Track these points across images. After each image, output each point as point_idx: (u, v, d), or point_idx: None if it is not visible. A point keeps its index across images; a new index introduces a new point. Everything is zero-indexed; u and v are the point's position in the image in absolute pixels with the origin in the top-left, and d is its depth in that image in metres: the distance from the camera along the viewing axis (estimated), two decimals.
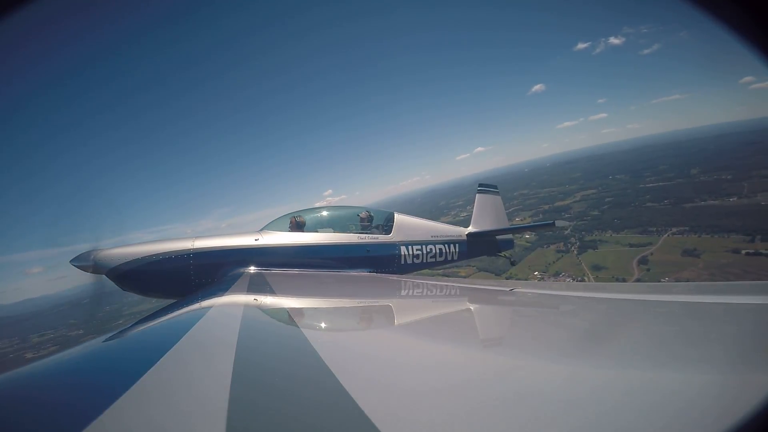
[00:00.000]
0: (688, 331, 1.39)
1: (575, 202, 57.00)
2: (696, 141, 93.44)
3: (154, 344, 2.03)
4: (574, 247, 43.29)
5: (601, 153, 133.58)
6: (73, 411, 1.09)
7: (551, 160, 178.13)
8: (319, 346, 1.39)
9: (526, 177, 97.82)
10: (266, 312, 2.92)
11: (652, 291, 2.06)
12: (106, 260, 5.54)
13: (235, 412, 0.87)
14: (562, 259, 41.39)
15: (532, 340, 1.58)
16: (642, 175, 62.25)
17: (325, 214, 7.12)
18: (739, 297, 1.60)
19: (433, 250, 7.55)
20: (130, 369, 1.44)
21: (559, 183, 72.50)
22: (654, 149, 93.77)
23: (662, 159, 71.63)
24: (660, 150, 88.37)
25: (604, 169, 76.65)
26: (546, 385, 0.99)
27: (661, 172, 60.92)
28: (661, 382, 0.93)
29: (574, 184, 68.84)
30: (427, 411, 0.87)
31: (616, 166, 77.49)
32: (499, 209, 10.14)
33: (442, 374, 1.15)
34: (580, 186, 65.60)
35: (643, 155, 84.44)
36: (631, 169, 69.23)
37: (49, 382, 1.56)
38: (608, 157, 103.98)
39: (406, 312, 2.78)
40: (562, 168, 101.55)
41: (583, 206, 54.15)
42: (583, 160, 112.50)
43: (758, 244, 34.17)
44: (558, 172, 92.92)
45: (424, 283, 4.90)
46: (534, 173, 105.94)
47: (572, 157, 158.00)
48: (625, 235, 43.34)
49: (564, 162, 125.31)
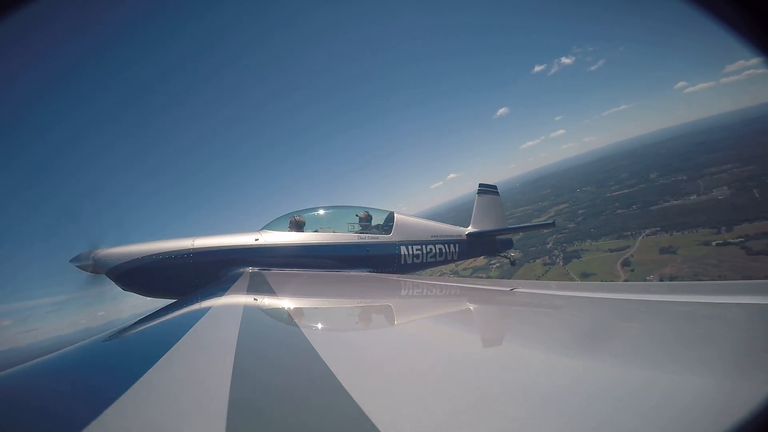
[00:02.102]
0: (688, 330, 1.40)
1: (551, 217, 59.41)
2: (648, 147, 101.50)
3: (154, 344, 2.05)
4: (559, 258, 45.42)
5: (565, 168, 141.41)
6: (72, 410, 1.09)
7: (520, 180, 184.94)
8: (319, 346, 1.39)
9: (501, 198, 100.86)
10: (266, 312, 2.92)
11: (652, 291, 2.08)
12: (106, 260, 5.53)
13: (234, 412, 0.87)
14: (550, 271, 43.25)
15: (532, 340, 1.60)
16: (606, 184, 66.09)
17: (324, 214, 7.11)
18: (738, 297, 1.61)
19: (433, 250, 7.53)
20: (130, 368, 1.45)
21: (531, 201, 75.72)
22: (612, 159, 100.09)
23: (622, 168, 76.61)
24: (617, 159, 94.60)
25: (570, 183, 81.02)
26: (546, 385, 1.00)
27: (623, 180, 65.05)
28: (661, 382, 0.93)
29: (545, 200, 72.49)
30: (427, 411, 0.87)
31: (581, 179, 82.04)
32: (499, 209, 10.15)
33: (442, 374, 1.15)
34: (551, 202, 69.08)
35: (603, 166, 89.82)
36: (595, 180, 73.53)
37: (49, 381, 1.57)
38: (571, 171, 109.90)
39: (406, 312, 2.79)
40: (531, 186, 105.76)
41: (559, 220, 56.39)
42: (548, 177, 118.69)
43: (724, 235, 37.52)
44: (528, 190, 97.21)
45: (424, 283, 4.93)
46: (505, 194, 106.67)
47: (538, 175, 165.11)
48: (604, 242, 45.89)
49: (532, 181, 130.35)
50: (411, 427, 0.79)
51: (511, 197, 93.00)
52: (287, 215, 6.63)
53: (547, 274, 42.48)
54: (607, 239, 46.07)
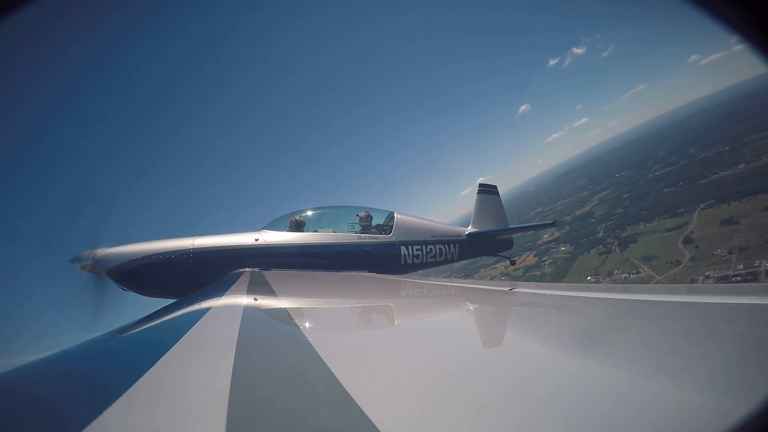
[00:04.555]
0: (688, 331, 1.40)
1: (595, 206, 59.15)
2: (677, 124, 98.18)
3: (154, 344, 2.04)
4: (614, 246, 44.85)
5: (596, 155, 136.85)
6: (72, 410, 1.08)
7: (551, 174, 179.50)
8: (319, 346, 1.38)
9: (534, 196, 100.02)
10: (266, 312, 2.92)
11: (652, 291, 2.07)
12: (106, 259, 5.50)
13: (234, 412, 0.86)
14: (608, 260, 42.89)
15: (531, 339, 1.60)
16: (645, 166, 64.83)
17: (324, 214, 7.13)
18: (738, 297, 1.60)
19: (433, 250, 7.53)
20: (130, 368, 1.44)
21: (569, 194, 74.92)
22: (643, 140, 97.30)
23: (656, 147, 74.78)
24: (649, 140, 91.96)
25: (606, 170, 79.33)
26: (546, 385, 1.00)
27: (661, 159, 63.69)
28: (661, 382, 0.93)
29: (584, 190, 71.31)
30: (427, 411, 0.87)
31: (616, 164, 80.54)
32: (499, 209, 10.14)
33: (442, 374, 1.15)
34: (591, 191, 67.94)
35: (635, 149, 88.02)
36: (631, 163, 72.14)
37: (49, 381, 1.57)
38: (603, 158, 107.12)
39: (405, 312, 2.79)
40: (564, 179, 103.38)
41: (605, 208, 56.41)
42: (580, 167, 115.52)
43: None
44: (562, 183, 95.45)
45: (424, 283, 4.98)
46: (540, 191, 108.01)
47: (569, 166, 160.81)
48: (658, 222, 45.17)
49: (564, 173, 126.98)
50: (411, 427, 0.79)
51: (545, 193, 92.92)
52: (287, 215, 6.67)
53: (605, 263, 42.24)
54: (662, 219, 45.37)
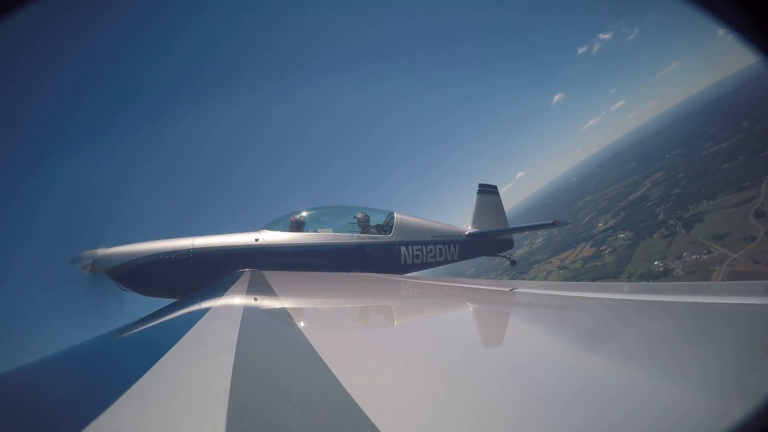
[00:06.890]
0: (688, 331, 1.41)
1: (649, 189, 58.22)
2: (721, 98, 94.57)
3: (154, 344, 2.04)
4: (678, 227, 44.05)
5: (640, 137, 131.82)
6: (72, 410, 1.08)
7: (594, 161, 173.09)
8: (319, 347, 1.38)
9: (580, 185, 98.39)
10: (266, 312, 2.91)
11: (652, 291, 2.08)
12: (106, 259, 5.51)
13: (234, 412, 0.86)
14: (673, 242, 42.25)
15: (531, 340, 1.61)
16: (696, 143, 62.94)
17: (324, 214, 7.17)
18: (738, 297, 1.58)
19: (433, 250, 7.57)
20: (129, 369, 1.44)
21: (618, 179, 73.30)
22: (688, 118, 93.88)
23: (705, 123, 72.31)
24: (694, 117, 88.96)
25: (653, 152, 77.57)
26: (546, 385, 1.00)
27: (713, 135, 61.59)
28: (661, 383, 0.93)
29: (634, 174, 69.92)
30: (427, 411, 0.87)
31: (663, 144, 78.67)
32: (499, 209, 10.16)
33: (442, 374, 1.15)
34: (642, 174, 66.50)
35: (681, 127, 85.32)
36: (681, 143, 70.21)
37: (49, 381, 1.57)
38: (648, 139, 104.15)
39: (406, 312, 2.80)
40: (609, 165, 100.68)
41: (660, 190, 55.44)
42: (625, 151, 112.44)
43: None
44: (607, 170, 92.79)
45: (424, 283, 5.01)
46: (584, 179, 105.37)
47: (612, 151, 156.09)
48: (723, 199, 44.18)
49: (607, 159, 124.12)
50: (411, 427, 0.79)
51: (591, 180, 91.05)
52: (287, 215, 6.71)
53: (671, 246, 41.63)
54: (726, 195, 44.24)
